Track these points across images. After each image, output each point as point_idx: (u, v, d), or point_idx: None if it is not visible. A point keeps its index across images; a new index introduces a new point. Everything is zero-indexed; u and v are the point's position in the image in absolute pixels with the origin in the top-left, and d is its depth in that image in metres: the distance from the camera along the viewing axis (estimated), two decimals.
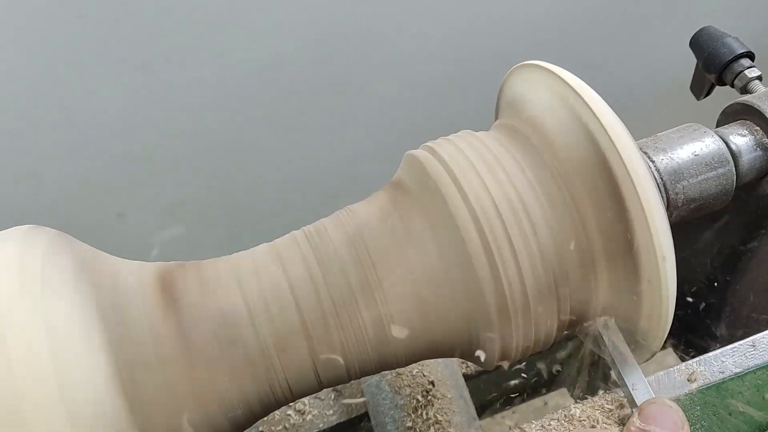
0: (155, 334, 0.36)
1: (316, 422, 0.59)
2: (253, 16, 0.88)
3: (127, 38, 0.84)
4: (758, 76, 0.55)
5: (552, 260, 0.38)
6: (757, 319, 0.59)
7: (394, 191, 0.43)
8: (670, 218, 0.43)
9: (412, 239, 0.40)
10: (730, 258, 0.61)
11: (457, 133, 0.43)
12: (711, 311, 0.63)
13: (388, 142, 1.09)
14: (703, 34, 0.59)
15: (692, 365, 0.44)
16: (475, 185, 0.38)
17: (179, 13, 0.84)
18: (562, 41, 1.09)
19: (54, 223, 0.41)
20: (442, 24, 0.99)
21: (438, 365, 0.60)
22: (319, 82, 0.99)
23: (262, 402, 0.39)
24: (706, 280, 0.63)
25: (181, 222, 1.08)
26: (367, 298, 0.39)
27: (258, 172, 1.08)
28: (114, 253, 0.42)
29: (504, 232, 0.37)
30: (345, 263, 0.39)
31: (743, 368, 0.44)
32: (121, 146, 0.95)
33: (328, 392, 0.61)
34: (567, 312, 0.40)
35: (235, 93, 0.96)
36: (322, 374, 0.40)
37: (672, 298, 0.37)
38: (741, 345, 0.45)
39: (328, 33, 0.94)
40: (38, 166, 0.93)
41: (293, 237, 0.42)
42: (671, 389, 0.43)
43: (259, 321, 0.38)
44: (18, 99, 0.85)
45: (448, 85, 1.08)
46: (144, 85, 0.89)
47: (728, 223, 0.59)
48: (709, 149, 0.46)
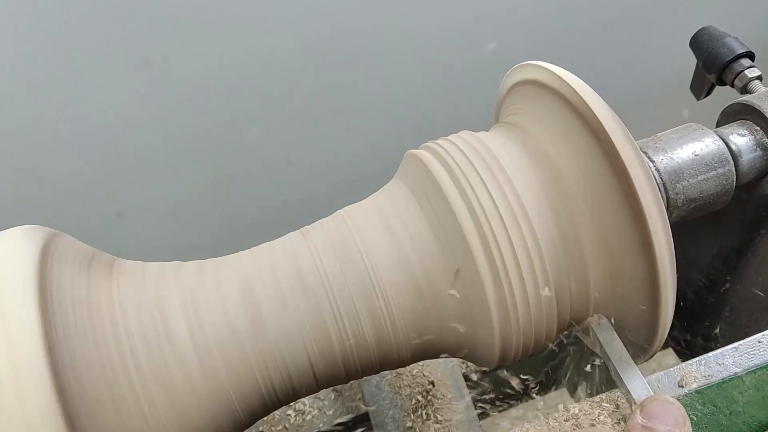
0: (162, 332, 0.36)
1: (316, 422, 0.60)
2: (253, 15, 0.88)
3: (128, 37, 0.84)
4: (758, 76, 0.55)
5: (551, 260, 0.38)
6: (757, 318, 0.59)
7: (394, 191, 0.43)
8: (670, 218, 0.43)
9: (412, 239, 0.40)
10: (730, 258, 0.61)
11: (457, 133, 0.43)
12: (711, 311, 0.63)
13: (388, 142, 1.09)
14: (703, 34, 0.59)
15: (692, 365, 0.44)
16: (476, 185, 0.38)
17: (179, 13, 0.84)
18: (562, 41, 1.09)
19: (54, 223, 0.41)
20: (442, 24, 0.99)
21: (438, 365, 0.60)
22: (319, 82, 0.99)
23: (262, 401, 0.39)
24: (706, 280, 0.63)
25: (181, 222, 1.08)
26: (366, 298, 0.39)
27: (258, 172, 1.07)
28: (114, 253, 0.42)
29: (504, 233, 0.37)
30: (344, 263, 0.39)
31: (743, 368, 0.44)
32: (121, 146, 0.95)
33: (328, 392, 0.61)
34: (566, 311, 0.41)
35: (236, 93, 0.96)
36: (319, 374, 0.40)
37: (672, 298, 0.37)
38: (741, 345, 0.45)
39: (328, 33, 0.94)
40: (38, 166, 0.93)
41: (293, 237, 0.42)
42: (671, 389, 0.43)
43: (260, 324, 0.38)
44: (18, 98, 0.85)
45: (448, 85, 1.07)
46: (144, 84, 0.89)
47: (728, 223, 0.59)
48: (709, 149, 0.46)
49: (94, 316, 0.35)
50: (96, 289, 0.37)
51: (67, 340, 0.33)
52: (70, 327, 0.34)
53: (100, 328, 0.35)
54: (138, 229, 1.06)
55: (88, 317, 0.35)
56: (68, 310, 0.34)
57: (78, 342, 0.34)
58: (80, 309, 0.35)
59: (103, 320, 0.36)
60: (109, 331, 0.35)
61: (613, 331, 0.41)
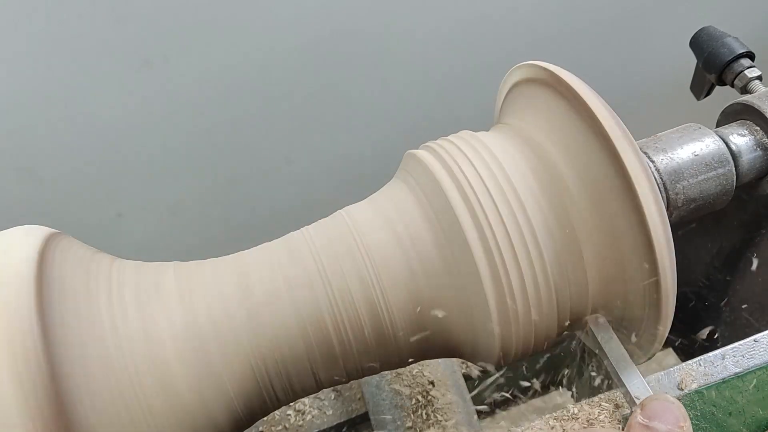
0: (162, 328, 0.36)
1: (316, 422, 0.60)
2: (253, 15, 0.88)
3: (128, 37, 0.84)
4: (758, 76, 0.55)
5: (551, 260, 0.38)
6: (757, 319, 0.59)
7: (394, 191, 0.43)
8: (670, 218, 0.43)
9: (412, 239, 0.40)
10: (730, 258, 0.61)
11: (458, 133, 0.44)
12: (711, 311, 0.63)
13: (388, 142, 1.09)
14: (703, 34, 0.59)
15: (692, 365, 0.44)
16: (476, 185, 0.38)
17: (179, 13, 0.84)
18: (562, 41, 1.09)
19: (54, 223, 0.41)
20: (443, 24, 0.99)
21: (438, 365, 0.60)
22: (319, 82, 0.99)
23: (260, 397, 0.39)
24: (706, 280, 0.63)
25: (181, 222, 1.08)
26: (366, 297, 0.39)
27: (258, 171, 1.08)
28: (114, 253, 0.42)
29: (504, 233, 0.37)
30: (344, 264, 0.39)
31: (743, 368, 0.44)
32: (121, 146, 0.95)
33: (328, 392, 0.61)
34: (566, 311, 0.41)
35: (235, 93, 0.96)
36: (318, 372, 0.40)
37: (672, 298, 0.37)
38: (741, 345, 0.45)
39: (328, 33, 0.94)
40: (38, 166, 0.93)
41: (293, 237, 0.42)
42: (671, 389, 0.43)
43: (258, 321, 0.38)
44: (18, 98, 0.85)
45: (448, 85, 1.08)
46: (144, 84, 0.89)
47: (728, 223, 0.59)
48: (709, 149, 0.46)
49: (93, 315, 0.36)
50: (95, 288, 0.37)
51: (67, 338, 0.33)
52: (70, 326, 0.34)
53: (99, 326, 0.35)
54: (138, 229, 1.06)
55: (88, 316, 0.35)
56: (68, 309, 0.35)
57: (78, 341, 0.34)
58: (80, 308, 0.35)
59: (103, 319, 0.36)
60: (109, 330, 0.35)
61: (612, 330, 0.41)
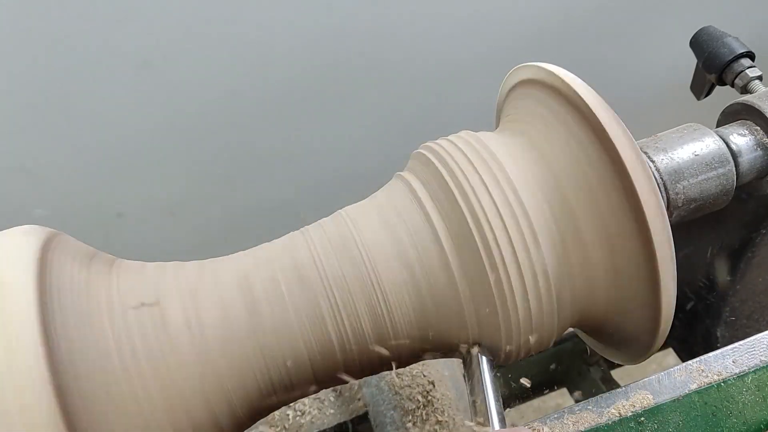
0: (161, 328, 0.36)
1: (316, 422, 0.59)
2: (254, 15, 0.88)
3: (128, 37, 0.84)
4: (758, 76, 0.55)
5: (551, 260, 0.38)
6: (757, 319, 0.59)
7: (394, 191, 0.43)
8: (670, 218, 0.43)
9: (412, 239, 0.40)
10: (730, 258, 0.61)
11: (458, 133, 0.43)
12: (711, 311, 0.63)
13: (388, 142, 1.09)
14: (703, 34, 0.59)
15: (692, 365, 0.44)
16: (476, 185, 0.38)
17: (180, 13, 0.84)
18: (562, 41, 1.09)
19: (54, 223, 0.41)
20: (443, 24, 0.99)
21: (438, 365, 0.60)
22: (319, 82, 0.99)
23: (260, 397, 0.39)
24: (706, 280, 0.63)
25: (181, 222, 1.08)
26: (366, 297, 0.39)
27: (258, 171, 1.08)
28: (114, 253, 0.42)
29: (504, 232, 0.37)
30: (344, 263, 0.39)
31: (743, 368, 0.44)
32: (122, 146, 0.95)
33: (328, 392, 0.61)
34: (567, 311, 0.40)
35: (235, 93, 0.96)
36: (318, 371, 0.40)
37: (672, 298, 0.37)
38: (741, 345, 0.45)
39: (328, 33, 0.94)
40: (38, 166, 0.93)
41: (293, 237, 0.42)
42: (671, 389, 0.43)
43: (259, 319, 0.38)
44: (18, 98, 0.85)
45: (448, 85, 1.08)
46: (144, 84, 0.89)
47: (728, 223, 0.59)
48: (709, 149, 0.45)
49: (93, 315, 0.36)
50: (96, 288, 0.37)
51: (67, 338, 0.33)
52: (70, 326, 0.34)
53: (99, 326, 0.35)
54: (138, 229, 1.06)
55: (88, 316, 0.35)
56: (68, 309, 0.34)
57: (77, 340, 0.34)
58: (80, 308, 0.35)
59: (103, 318, 0.36)
60: (109, 329, 0.35)
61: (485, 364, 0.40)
